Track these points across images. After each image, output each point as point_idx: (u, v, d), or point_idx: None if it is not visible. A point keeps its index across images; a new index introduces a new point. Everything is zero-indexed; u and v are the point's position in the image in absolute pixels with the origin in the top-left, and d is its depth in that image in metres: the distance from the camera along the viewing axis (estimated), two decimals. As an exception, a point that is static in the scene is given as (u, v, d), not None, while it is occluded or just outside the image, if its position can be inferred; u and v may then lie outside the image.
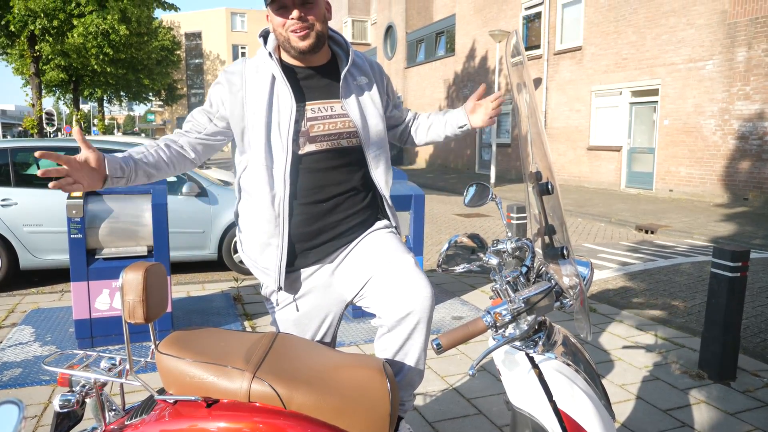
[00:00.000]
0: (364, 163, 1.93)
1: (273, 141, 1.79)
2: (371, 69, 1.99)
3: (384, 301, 1.80)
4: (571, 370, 1.45)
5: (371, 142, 1.91)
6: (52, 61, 20.13)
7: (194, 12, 54.48)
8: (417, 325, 1.78)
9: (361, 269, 1.87)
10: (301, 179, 1.84)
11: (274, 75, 1.81)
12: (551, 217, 1.46)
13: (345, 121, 1.86)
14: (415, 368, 1.86)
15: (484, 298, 5.12)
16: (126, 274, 1.55)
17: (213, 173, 10.02)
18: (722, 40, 11.94)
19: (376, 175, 1.95)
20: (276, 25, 1.78)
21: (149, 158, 1.75)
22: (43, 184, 6.06)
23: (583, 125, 16.09)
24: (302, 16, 1.74)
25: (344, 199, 1.90)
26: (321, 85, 1.87)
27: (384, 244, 1.90)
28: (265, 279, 1.90)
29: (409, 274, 1.79)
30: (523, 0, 18.27)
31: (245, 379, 1.44)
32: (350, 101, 1.87)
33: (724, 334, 3.37)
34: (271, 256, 1.85)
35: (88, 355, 1.76)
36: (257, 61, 1.85)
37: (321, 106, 1.85)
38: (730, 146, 11.96)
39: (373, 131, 1.91)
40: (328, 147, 1.84)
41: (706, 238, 8.46)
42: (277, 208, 1.81)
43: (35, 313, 4.61)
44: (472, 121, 2.06)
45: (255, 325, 4.36)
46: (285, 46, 1.81)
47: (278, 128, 1.78)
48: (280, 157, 1.79)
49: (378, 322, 1.84)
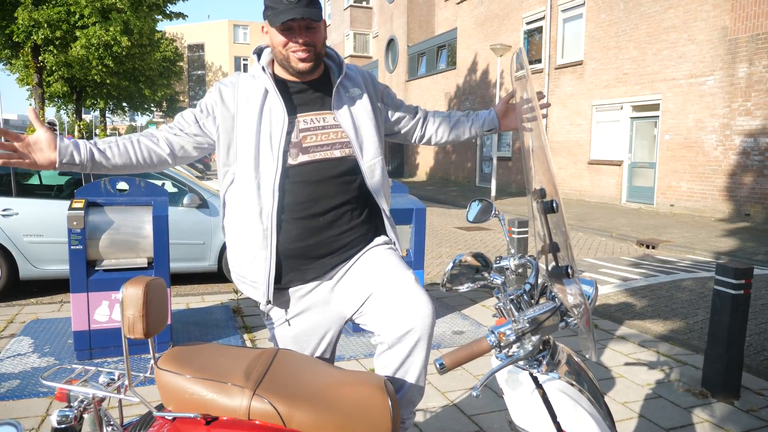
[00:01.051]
0: (359, 173, 1.91)
1: (263, 153, 1.78)
2: (363, 80, 1.99)
3: (384, 318, 1.78)
4: (575, 390, 1.43)
5: (365, 151, 1.90)
6: (56, 73, 20.24)
7: (197, 24, 54.87)
8: (418, 343, 1.76)
9: (361, 286, 1.85)
10: (296, 192, 1.81)
11: (266, 88, 1.82)
12: (555, 235, 1.45)
13: (337, 131, 1.86)
14: (415, 385, 1.84)
15: (485, 313, 5.09)
16: (126, 288, 1.53)
17: (213, 185, 10.03)
18: (723, 56, 12.00)
19: (372, 184, 1.92)
20: (276, 44, 1.78)
21: (114, 150, 1.76)
22: (44, 194, 6.05)
23: (584, 139, 16.12)
24: (307, 41, 1.75)
25: (342, 213, 1.87)
26: (313, 98, 1.87)
27: (383, 261, 1.88)
28: (253, 293, 1.87)
29: (410, 291, 1.77)
30: (525, 14, 18.40)
31: (245, 397, 1.42)
32: (342, 112, 1.87)
33: (727, 351, 3.34)
34: (259, 270, 1.82)
35: (87, 369, 1.74)
36: (250, 76, 1.87)
37: (313, 117, 1.85)
38: (732, 161, 11.97)
39: (366, 141, 1.90)
40: (321, 157, 1.83)
41: (708, 254, 8.43)
42: (265, 221, 1.79)
43: (34, 323, 4.58)
44: (504, 124, 2.09)
45: (254, 338, 4.33)
46: (283, 64, 1.82)
47: (269, 140, 1.78)
48: (270, 169, 1.78)
49: (378, 340, 1.82)
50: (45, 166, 1.66)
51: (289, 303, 1.90)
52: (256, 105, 1.80)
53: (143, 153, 1.81)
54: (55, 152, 1.65)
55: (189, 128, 1.86)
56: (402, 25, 27.31)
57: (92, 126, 42.62)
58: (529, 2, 18.21)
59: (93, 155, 1.73)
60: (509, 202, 15.76)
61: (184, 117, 1.88)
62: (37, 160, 1.64)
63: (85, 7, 15.45)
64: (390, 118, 2.10)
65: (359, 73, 2.00)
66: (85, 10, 15.51)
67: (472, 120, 2.18)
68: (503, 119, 2.12)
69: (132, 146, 1.80)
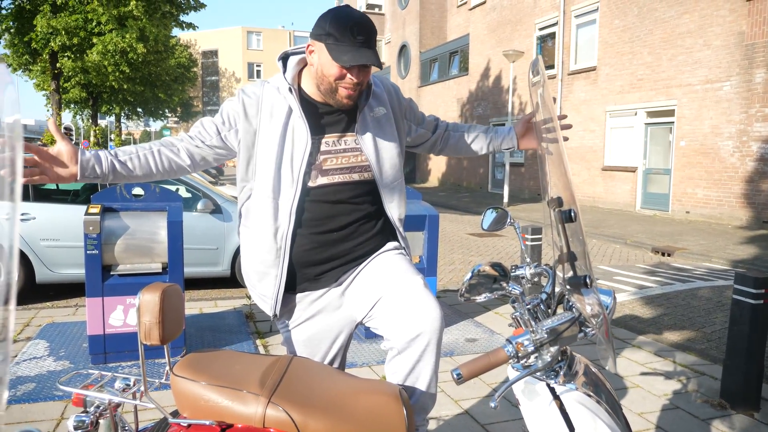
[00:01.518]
0: (377, 194, 1.92)
1: (283, 175, 1.77)
2: (389, 95, 1.97)
3: (393, 323, 1.78)
4: (592, 401, 1.41)
5: (385, 175, 1.90)
6: (73, 78, 20.52)
7: (211, 30, 55.44)
8: (427, 347, 1.75)
9: (371, 290, 1.86)
10: (312, 209, 1.82)
11: (291, 107, 1.79)
12: (573, 244, 1.44)
13: (358, 155, 1.85)
14: (427, 392, 1.83)
15: (498, 320, 5.06)
16: (143, 295, 1.54)
17: (227, 190, 10.08)
18: (740, 62, 11.88)
19: (390, 208, 1.94)
20: (328, 74, 1.72)
21: (134, 162, 1.76)
22: (61, 198, 6.12)
23: (598, 145, 16.02)
24: (361, 81, 1.73)
25: (356, 228, 1.88)
26: (338, 119, 1.85)
27: (393, 265, 1.88)
28: (262, 305, 1.90)
29: (418, 295, 1.77)
30: (537, 20, 18.36)
31: (260, 404, 1.42)
32: (366, 136, 1.86)
33: (746, 362, 3.29)
34: (268, 285, 1.85)
35: (103, 375, 1.75)
36: (275, 88, 1.83)
37: (335, 139, 1.83)
38: (749, 168, 11.83)
39: (387, 165, 1.90)
40: (339, 180, 1.83)
41: (725, 262, 8.32)
42: (279, 241, 1.80)
43: (50, 327, 4.62)
44: (523, 143, 2.07)
45: (267, 343, 4.34)
46: (325, 94, 1.77)
47: (290, 161, 1.77)
48: (289, 190, 1.77)
49: (387, 345, 1.82)
50: (66, 179, 1.65)
51: (300, 308, 1.91)
52: (279, 123, 1.78)
53: (164, 164, 1.81)
54: (76, 166, 1.65)
55: (210, 140, 1.84)
56: (414, 31, 27.37)
57: (107, 131, 43.07)
58: (541, 8, 18.17)
59: (114, 167, 1.73)
60: (522, 208, 15.69)
61: (205, 128, 1.85)
62: (59, 174, 1.63)
63: (102, 15, 15.67)
64: (412, 133, 2.10)
65: (384, 88, 1.97)
66: (102, 18, 15.73)
67: (491, 137, 2.16)
68: (522, 138, 2.10)
69: (153, 157, 1.79)
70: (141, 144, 1.82)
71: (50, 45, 16.03)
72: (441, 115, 25.46)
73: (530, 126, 2.07)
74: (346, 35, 1.66)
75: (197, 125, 1.88)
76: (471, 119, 22.93)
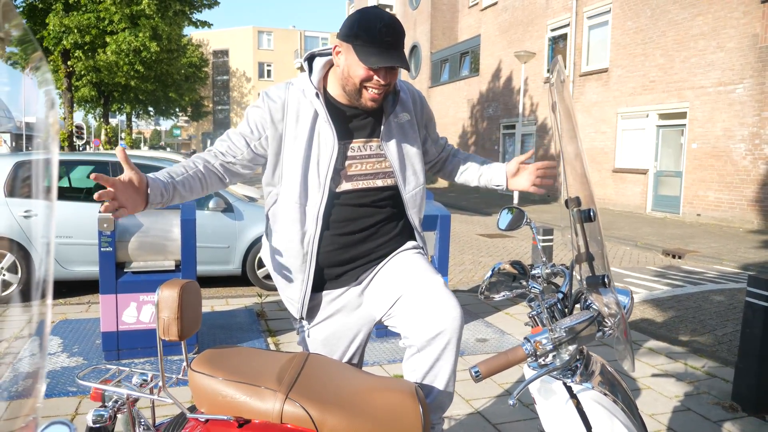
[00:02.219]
0: (399, 198, 1.93)
1: (310, 179, 1.77)
2: (413, 102, 1.97)
3: (413, 321, 1.78)
4: (609, 401, 1.41)
5: (408, 182, 1.91)
6: (84, 77, 20.69)
7: (222, 30, 55.64)
8: (447, 345, 1.76)
9: (391, 288, 1.86)
10: (335, 213, 1.83)
11: (317, 111, 1.78)
12: (591, 244, 1.44)
13: (382, 161, 1.86)
14: (444, 390, 1.83)
15: (509, 320, 5.05)
16: (162, 291, 1.56)
17: (239, 189, 10.13)
18: (753, 64, 11.78)
19: (412, 214, 1.95)
20: (355, 76, 1.71)
21: (188, 182, 1.73)
22: (74, 196, 6.18)
23: (609, 147, 15.94)
24: (388, 83, 1.71)
25: (377, 229, 1.90)
26: (363, 124, 1.85)
27: (412, 264, 1.89)
28: (289, 307, 1.93)
29: (439, 294, 1.77)
30: (549, 21, 18.30)
31: (278, 400, 1.43)
32: (390, 142, 1.86)
33: (759, 365, 3.27)
34: (295, 289, 1.87)
35: (121, 370, 1.77)
36: (300, 91, 1.80)
37: (361, 145, 1.84)
38: (761, 171, 11.73)
39: (409, 172, 1.91)
40: (363, 186, 1.84)
41: (737, 265, 8.26)
42: (306, 246, 1.81)
43: (63, 323, 4.67)
44: (513, 184, 2.00)
45: (278, 341, 4.36)
46: (351, 95, 1.76)
47: (317, 166, 1.77)
48: (316, 195, 1.78)
49: (407, 342, 1.82)
50: (137, 208, 1.58)
51: (320, 307, 1.92)
52: (306, 127, 1.76)
53: (209, 184, 1.79)
54: (144, 196, 1.58)
55: (242, 154, 1.81)
56: (425, 32, 27.36)
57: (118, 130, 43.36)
58: (553, 9, 18.11)
59: (175, 190, 1.69)
60: (532, 209, 15.64)
61: (234, 142, 1.80)
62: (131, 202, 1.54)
63: (115, 14, 15.77)
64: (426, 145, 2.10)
65: (410, 94, 1.97)
66: (114, 16, 15.83)
67: (483, 171, 2.10)
68: (512, 178, 2.02)
69: (201, 179, 1.76)
70: (185, 164, 1.75)
71: (62, 43, 16.15)
72: (451, 116, 25.43)
73: (523, 166, 2.00)
74: (374, 36, 1.65)
75: (224, 140, 1.82)
76: (481, 120, 22.89)
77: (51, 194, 0.70)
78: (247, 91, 56.00)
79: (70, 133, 19.42)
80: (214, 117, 56.80)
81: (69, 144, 19.45)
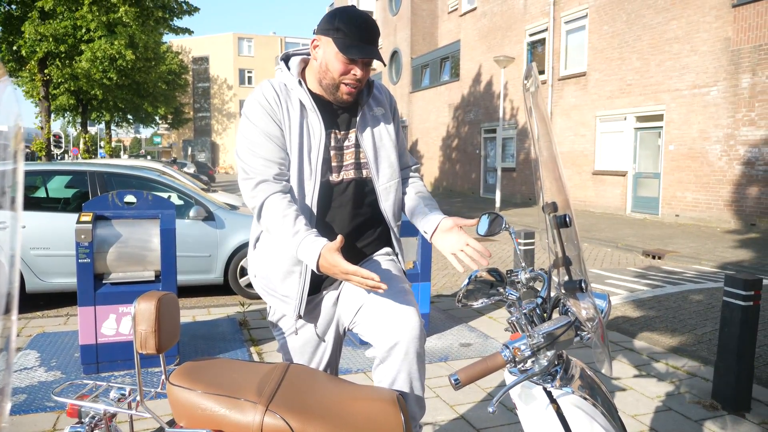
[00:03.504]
0: (374, 194, 1.92)
1: (304, 169, 1.79)
2: (389, 102, 2.01)
3: (374, 330, 1.79)
4: (589, 404, 1.42)
5: (381, 173, 1.91)
6: (62, 86, 20.42)
7: (202, 37, 55.32)
8: (406, 355, 1.75)
9: (355, 295, 1.87)
10: (322, 206, 1.84)
11: (302, 102, 1.80)
12: (568, 249, 1.45)
13: (359, 151, 1.88)
14: (413, 399, 1.82)
15: (492, 324, 5.07)
16: (139, 304, 1.54)
17: (219, 197, 10.06)
18: (726, 67, 12.02)
19: (386, 207, 1.94)
20: (333, 69, 1.75)
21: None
22: (51, 207, 6.08)
23: (588, 150, 16.13)
24: (363, 77, 1.77)
25: (358, 228, 1.91)
26: (341, 115, 1.88)
27: (379, 271, 1.90)
28: (283, 307, 1.88)
29: (398, 303, 1.77)
30: (528, 26, 18.49)
31: (258, 412, 1.41)
32: (365, 134, 1.88)
33: (737, 363, 3.32)
34: (292, 284, 1.84)
35: (98, 385, 1.74)
36: (282, 85, 1.82)
37: (341, 135, 1.87)
38: (737, 172, 11.95)
39: (383, 163, 1.91)
40: (344, 177, 1.86)
41: (715, 264, 8.40)
42: None
43: (40, 337, 4.58)
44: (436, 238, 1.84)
45: (261, 350, 4.33)
46: (327, 89, 1.80)
47: (308, 156, 1.79)
48: (309, 186, 1.80)
49: (371, 353, 1.83)
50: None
51: (306, 313, 1.92)
52: (296, 120, 1.79)
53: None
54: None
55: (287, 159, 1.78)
56: (405, 38, 27.47)
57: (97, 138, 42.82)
58: (531, 14, 18.31)
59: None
60: (514, 213, 15.75)
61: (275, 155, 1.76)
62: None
63: (92, 21, 15.60)
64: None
65: (384, 94, 2.00)
66: (91, 24, 15.66)
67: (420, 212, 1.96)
68: (439, 232, 1.84)
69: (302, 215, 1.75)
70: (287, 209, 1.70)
71: (38, 52, 15.93)
72: (433, 120, 25.54)
73: (457, 230, 1.82)
74: (354, 31, 1.71)
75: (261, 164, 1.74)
76: (463, 125, 23.02)
77: (16, 204, 0.69)
78: (228, 98, 55.72)
79: (48, 142, 19.13)
80: (195, 124, 56.38)
81: (46, 153, 19.16)
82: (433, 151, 25.81)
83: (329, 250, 1.58)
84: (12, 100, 0.69)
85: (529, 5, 18.37)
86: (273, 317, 1.96)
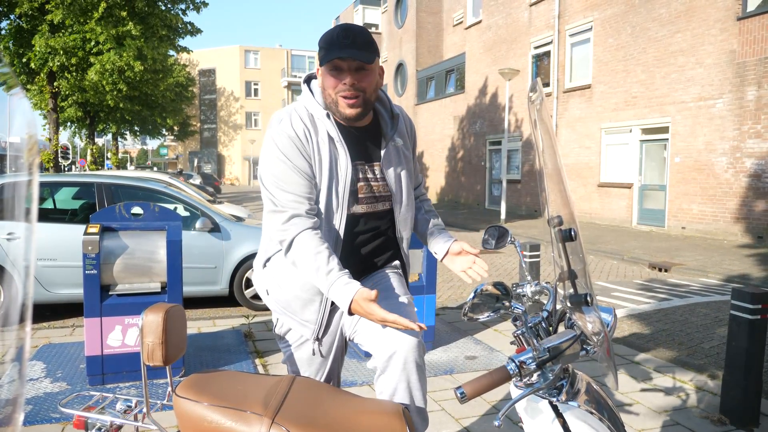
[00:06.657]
0: (393, 224, 1.97)
1: (332, 201, 1.79)
2: (407, 128, 2.02)
3: (373, 340, 1.80)
4: (595, 419, 1.42)
5: (402, 206, 1.94)
6: (70, 98, 20.61)
7: (208, 49, 55.73)
8: (405, 366, 1.75)
9: None
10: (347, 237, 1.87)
11: (329, 133, 1.78)
12: (573, 262, 1.45)
13: (380, 185, 1.89)
14: (415, 411, 1.82)
15: (498, 337, 5.05)
16: (146, 315, 1.55)
17: (225, 208, 10.09)
18: (731, 79, 12.02)
19: (403, 235, 1.99)
20: (327, 86, 1.75)
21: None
22: (58, 218, 6.12)
23: (594, 162, 16.13)
24: (354, 83, 1.72)
25: (372, 257, 1.96)
26: (365, 147, 1.88)
27: (382, 282, 1.93)
28: (302, 330, 1.91)
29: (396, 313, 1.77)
30: (533, 39, 18.57)
31: (263, 425, 1.42)
32: (389, 168, 1.90)
33: (745, 378, 3.29)
34: (312, 311, 1.87)
35: (105, 396, 1.75)
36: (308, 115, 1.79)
37: (366, 167, 1.87)
38: (743, 184, 11.91)
39: (405, 195, 1.94)
40: (367, 210, 1.88)
41: (722, 277, 8.35)
42: None
43: (46, 348, 4.60)
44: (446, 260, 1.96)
45: (266, 362, 4.32)
46: (331, 108, 1.78)
47: (335, 189, 1.79)
48: (336, 217, 1.80)
49: (371, 364, 1.83)
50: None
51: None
52: (326, 152, 1.77)
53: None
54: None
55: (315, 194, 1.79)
56: (411, 50, 27.63)
57: (104, 150, 43.11)
58: (536, 27, 18.39)
59: None
60: (519, 224, 15.72)
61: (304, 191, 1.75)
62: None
63: (101, 34, 15.78)
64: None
65: (403, 119, 2.00)
66: (100, 37, 15.85)
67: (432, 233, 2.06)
68: (450, 254, 1.96)
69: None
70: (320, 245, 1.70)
71: (48, 65, 16.12)
72: (438, 132, 25.61)
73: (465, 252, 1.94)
74: (332, 40, 1.70)
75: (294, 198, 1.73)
76: (468, 136, 23.06)
77: (31, 216, 0.69)
78: (234, 110, 56.03)
79: (56, 154, 19.27)
80: (201, 136, 56.68)
81: (54, 165, 19.29)
82: (438, 163, 25.85)
83: (365, 300, 1.59)
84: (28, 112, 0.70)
85: (534, 18, 18.47)
86: (279, 330, 1.98)
